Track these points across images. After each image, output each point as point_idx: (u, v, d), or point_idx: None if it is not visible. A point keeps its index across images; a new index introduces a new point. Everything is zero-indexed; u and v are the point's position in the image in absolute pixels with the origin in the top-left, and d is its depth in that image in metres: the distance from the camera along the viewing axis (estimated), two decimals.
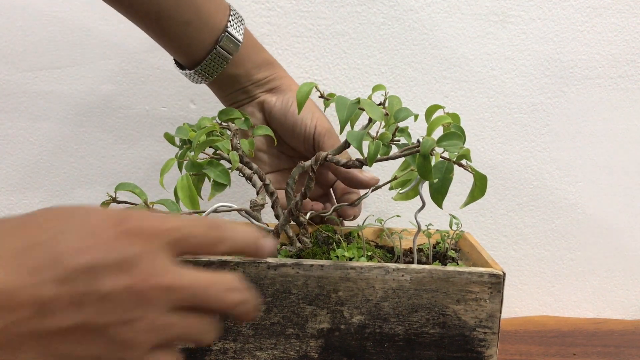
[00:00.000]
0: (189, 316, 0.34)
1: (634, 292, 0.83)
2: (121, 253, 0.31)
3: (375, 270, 0.47)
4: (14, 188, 0.79)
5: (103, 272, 0.31)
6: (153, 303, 0.32)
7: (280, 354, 0.48)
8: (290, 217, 0.51)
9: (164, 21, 0.54)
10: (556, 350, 0.70)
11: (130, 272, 0.31)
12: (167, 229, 0.33)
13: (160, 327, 0.32)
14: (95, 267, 0.30)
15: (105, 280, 0.31)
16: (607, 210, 0.81)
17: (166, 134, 0.54)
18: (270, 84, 0.60)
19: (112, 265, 0.31)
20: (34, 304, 0.29)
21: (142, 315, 0.32)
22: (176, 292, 0.33)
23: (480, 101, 0.77)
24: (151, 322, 0.32)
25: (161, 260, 0.33)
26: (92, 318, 0.31)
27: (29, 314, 0.29)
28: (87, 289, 0.30)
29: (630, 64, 0.77)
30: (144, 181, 0.79)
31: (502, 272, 0.47)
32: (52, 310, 0.30)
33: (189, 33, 0.55)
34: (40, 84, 0.76)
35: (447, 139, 0.44)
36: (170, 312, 0.33)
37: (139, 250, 0.32)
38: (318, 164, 0.49)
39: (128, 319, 0.31)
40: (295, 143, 0.60)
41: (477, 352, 0.48)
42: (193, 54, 0.57)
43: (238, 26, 0.57)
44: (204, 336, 0.35)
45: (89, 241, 0.31)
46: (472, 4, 0.74)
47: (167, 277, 0.32)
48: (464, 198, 0.47)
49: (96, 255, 0.31)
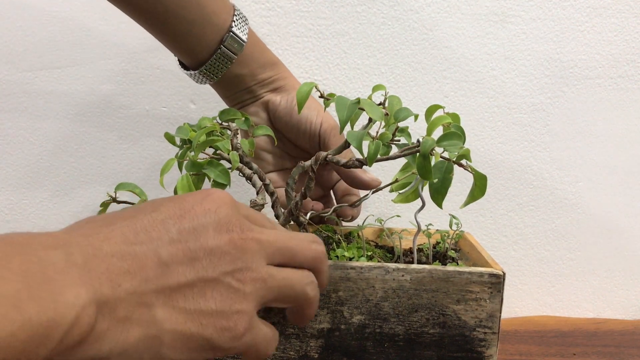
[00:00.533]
0: (283, 270, 0.38)
1: (634, 292, 0.83)
2: (216, 215, 0.36)
3: (375, 270, 0.47)
4: (14, 188, 0.79)
5: (206, 231, 0.35)
6: (252, 253, 0.37)
7: (280, 353, 0.48)
8: (290, 217, 0.51)
9: (170, 20, 0.54)
10: (556, 350, 0.70)
11: (228, 230, 0.36)
12: (240, 205, 0.39)
13: (263, 278, 0.37)
14: (197, 228, 0.35)
15: (209, 237, 0.35)
16: (607, 210, 0.81)
17: (166, 134, 0.54)
18: (275, 83, 0.60)
19: (212, 225, 0.36)
20: (156, 263, 0.33)
21: (247, 265, 0.36)
22: (266, 244, 0.37)
23: (480, 101, 0.77)
24: (256, 272, 0.37)
25: (246, 221, 0.38)
26: (206, 272, 0.35)
27: (153, 274, 0.33)
28: (195, 246, 0.35)
29: (630, 64, 0.77)
30: (144, 181, 0.79)
31: (502, 272, 0.47)
32: (170, 267, 0.34)
33: (194, 32, 0.55)
34: (40, 84, 0.76)
35: (447, 139, 0.44)
36: (267, 264, 0.38)
37: (229, 213, 0.37)
38: (318, 164, 0.49)
39: (236, 269, 0.36)
40: (300, 141, 0.60)
41: (477, 352, 0.48)
42: (198, 53, 0.57)
43: (242, 26, 0.57)
44: (302, 289, 0.39)
45: (187, 209, 0.36)
46: (472, 4, 0.74)
47: (256, 232, 0.37)
48: (464, 198, 0.47)
49: (196, 219, 0.36)
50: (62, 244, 0.31)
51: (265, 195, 0.52)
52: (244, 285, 0.36)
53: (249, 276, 0.36)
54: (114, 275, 0.31)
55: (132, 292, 0.32)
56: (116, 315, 0.31)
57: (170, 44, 0.58)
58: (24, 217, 0.80)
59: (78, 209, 0.80)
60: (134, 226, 0.34)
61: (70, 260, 0.30)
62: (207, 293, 0.35)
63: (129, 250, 0.33)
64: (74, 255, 0.30)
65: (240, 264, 0.36)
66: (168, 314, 0.33)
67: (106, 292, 0.31)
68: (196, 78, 0.59)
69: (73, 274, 0.30)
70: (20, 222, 0.80)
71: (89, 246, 0.31)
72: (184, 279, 0.34)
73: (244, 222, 0.37)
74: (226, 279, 0.35)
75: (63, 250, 0.30)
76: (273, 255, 0.38)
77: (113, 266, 0.32)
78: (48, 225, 0.80)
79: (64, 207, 0.80)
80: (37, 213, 0.80)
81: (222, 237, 0.36)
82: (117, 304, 0.31)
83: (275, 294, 0.38)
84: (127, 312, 0.32)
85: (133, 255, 0.33)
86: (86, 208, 0.80)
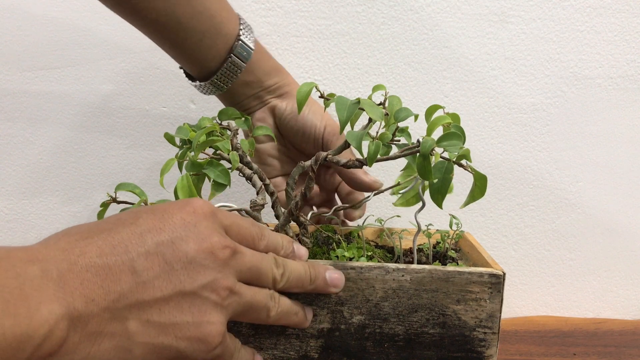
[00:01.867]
0: (250, 287, 0.40)
1: (634, 292, 0.83)
2: (196, 228, 0.37)
3: (375, 270, 0.47)
4: (14, 187, 0.79)
5: (185, 244, 0.36)
6: (229, 268, 0.38)
7: (280, 353, 0.48)
8: (290, 217, 0.51)
9: (181, 32, 0.55)
10: (556, 350, 0.70)
11: (207, 243, 0.37)
12: (220, 215, 0.39)
13: (238, 292, 0.38)
14: (176, 241, 0.36)
15: (188, 250, 0.36)
16: (607, 210, 0.81)
17: (166, 134, 0.54)
18: (280, 89, 0.61)
19: (191, 238, 0.37)
20: (131, 278, 0.34)
21: (224, 277, 0.37)
22: (240, 262, 0.39)
23: (480, 101, 0.77)
24: (232, 285, 0.38)
25: (224, 235, 0.39)
26: (184, 285, 0.36)
27: (128, 288, 0.34)
28: (173, 259, 0.35)
29: (630, 64, 0.77)
30: (144, 181, 0.79)
31: (502, 272, 0.47)
32: (146, 281, 0.34)
33: (205, 43, 0.56)
34: (40, 84, 0.76)
35: (447, 139, 0.44)
36: (238, 281, 0.39)
37: (208, 225, 0.38)
38: (318, 164, 0.48)
39: (214, 280, 0.37)
40: (305, 146, 0.61)
41: (477, 352, 0.48)
42: (208, 63, 0.57)
43: (249, 34, 0.58)
44: (265, 307, 0.41)
45: (166, 221, 0.37)
46: (472, 4, 0.74)
47: (233, 243, 0.39)
48: (464, 198, 0.47)
49: (175, 232, 0.36)
50: (40, 259, 0.32)
51: (265, 195, 0.52)
52: (220, 298, 0.37)
53: (225, 289, 0.37)
54: (87, 290, 0.32)
55: (105, 308, 0.33)
56: (88, 329, 0.32)
57: (181, 56, 0.58)
58: (24, 217, 0.80)
59: (78, 209, 0.80)
60: (111, 239, 0.35)
61: (47, 275, 0.31)
62: (183, 306, 0.36)
63: (105, 264, 0.34)
64: (50, 270, 0.32)
65: (218, 276, 0.37)
66: (141, 327, 0.34)
67: (79, 307, 0.32)
68: (205, 89, 0.59)
69: (48, 289, 0.31)
70: (20, 222, 0.80)
71: (65, 261, 0.33)
72: (160, 293, 0.35)
73: (222, 236, 0.38)
74: (204, 292, 0.36)
75: (40, 266, 0.32)
76: (243, 273, 0.39)
77: (87, 281, 0.33)
78: (48, 225, 0.80)
79: (64, 207, 0.80)
80: (37, 213, 0.80)
81: (201, 250, 0.37)
82: (89, 319, 0.32)
83: (242, 308, 0.39)
84: (99, 326, 0.33)
85: (108, 269, 0.34)
86: (86, 208, 0.80)
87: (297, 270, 0.44)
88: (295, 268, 0.44)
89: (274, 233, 0.44)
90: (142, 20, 0.55)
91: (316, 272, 0.45)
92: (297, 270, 0.44)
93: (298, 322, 0.45)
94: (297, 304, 0.45)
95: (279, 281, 0.42)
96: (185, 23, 0.54)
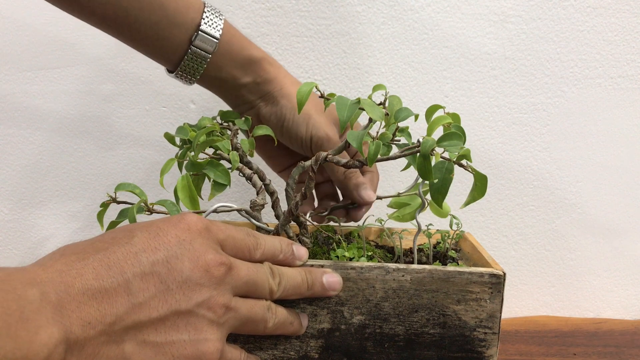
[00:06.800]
0: (247, 300, 0.40)
1: (634, 292, 0.83)
2: (191, 246, 0.37)
3: (375, 270, 0.47)
4: (14, 187, 0.79)
5: (180, 263, 0.36)
6: (224, 284, 0.38)
7: (281, 354, 0.48)
8: (291, 217, 0.51)
9: (134, 25, 0.52)
10: (556, 350, 0.70)
11: (202, 261, 0.37)
12: (215, 230, 0.40)
13: (234, 307, 0.39)
14: (171, 260, 0.36)
15: (184, 269, 0.36)
16: (607, 210, 0.81)
17: (166, 134, 0.54)
18: (261, 90, 0.58)
19: (186, 256, 0.37)
20: (127, 299, 0.34)
21: (219, 294, 0.38)
22: (236, 277, 0.39)
23: (480, 101, 0.77)
24: (228, 302, 0.38)
25: (219, 251, 0.39)
26: (180, 304, 0.36)
27: (124, 310, 0.34)
28: (169, 278, 0.36)
29: (630, 64, 0.77)
30: (144, 181, 0.79)
31: (503, 272, 0.47)
32: (142, 302, 0.35)
33: (161, 35, 0.53)
34: (40, 84, 0.76)
35: (447, 139, 0.44)
36: (235, 295, 0.39)
37: (203, 242, 0.38)
38: (318, 164, 0.48)
39: (209, 298, 0.37)
40: (298, 151, 0.59)
41: (478, 352, 0.48)
42: (169, 55, 0.55)
43: (214, 23, 0.54)
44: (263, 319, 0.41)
45: (161, 240, 0.37)
46: (472, 4, 0.74)
47: (228, 259, 0.39)
48: (464, 198, 0.47)
49: (170, 250, 0.36)
50: (38, 282, 0.33)
51: (265, 195, 0.52)
52: (216, 315, 0.38)
53: (221, 306, 0.38)
54: (84, 314, 0.33)
55: (102, 331, 0.34)
56: (85, 353, 0.33)
57: (141, 49, 0.55)
58: (24, 217, 0.80)
59: (78, 209, 0.80)
60: (107, 260, 0.35)
61: (45, 299, 0.32)
62: (179, 325, 0.36)
63: (101, 286, 0.34)
64: (48, 293, 0.32)
65: (214, 293, 0.37)
66: (138, 348, 0.35)
67: (76, 331, 0.32)
68: (180, 79, 0.57)
69: (47, 313, 0.32)
70: (20, 222, 0.80)
71: (62, 283, 0.33)
72: (156, 313, 0.35)
73: (217, 252, 0.39)
74: (200, 310, 0.37)
75: (39, 289, 0.32)
76: (239, 288, 0.40)
77: (84, 304, 0.33)
78: (48, 225, 0.80)
79: (64, 207, 0.80)
80: (37, 213, 0.80)
81: (196, 269, 0.37)
82: (85, 343, 0.33)
83: (240, 323, 0.40)
84: (95, 349, 0.34)
85: (104, 292, 0.34)
86: (86, 208, 0.80)
87: (294, 278, 0.44)
88: (292, 276, 0.44)
89: (271, 238, 0.44)
90: (91, 16, 0.53)
91: (313, 278, 0.45)
92: (294, 278, 0.44)
93: (294, 331, 0.46)
94: (293, 313, 0.46)
95: (275, 291, 0.43)
96: (134, 15, 0.52)
